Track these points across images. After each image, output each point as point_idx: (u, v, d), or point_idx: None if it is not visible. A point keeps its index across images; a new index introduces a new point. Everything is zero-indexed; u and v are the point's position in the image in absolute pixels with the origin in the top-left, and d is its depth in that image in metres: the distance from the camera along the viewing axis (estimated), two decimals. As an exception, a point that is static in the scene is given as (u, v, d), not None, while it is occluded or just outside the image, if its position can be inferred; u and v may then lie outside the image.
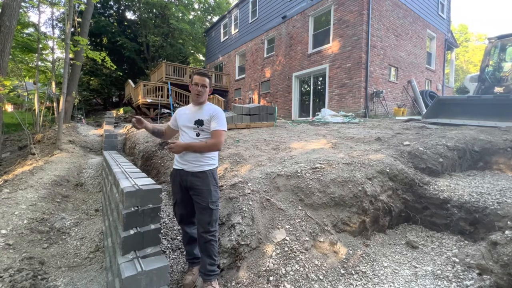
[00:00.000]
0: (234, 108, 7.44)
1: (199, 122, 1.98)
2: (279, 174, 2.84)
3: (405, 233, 2.72)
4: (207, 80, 2.02)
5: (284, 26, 12.82)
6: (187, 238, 2.12)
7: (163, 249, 2.40)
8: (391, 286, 2.00)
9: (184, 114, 2.06)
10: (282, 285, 1.89)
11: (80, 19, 11.06)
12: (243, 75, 16.09)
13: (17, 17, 5.85)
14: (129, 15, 24.89)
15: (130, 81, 15.61)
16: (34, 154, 5.71)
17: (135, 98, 13.72)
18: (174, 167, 2.06)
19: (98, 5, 21.25)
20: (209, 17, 27.15)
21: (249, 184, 2.66)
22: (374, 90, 9.75)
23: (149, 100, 12.68)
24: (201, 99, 2.02)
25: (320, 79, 11.45)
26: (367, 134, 5.00)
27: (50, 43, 8.87)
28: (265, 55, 14.15)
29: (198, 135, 1.99)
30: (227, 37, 18.06)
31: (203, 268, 1.92)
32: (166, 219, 2.93)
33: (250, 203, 2.40)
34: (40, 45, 7.83)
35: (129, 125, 9.24)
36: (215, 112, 2.00)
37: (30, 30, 9.62)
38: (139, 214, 1.48)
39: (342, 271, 2.11)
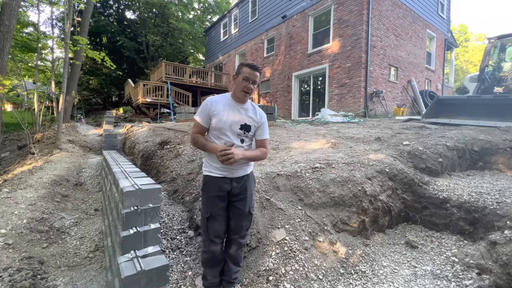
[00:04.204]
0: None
1: (246, 128, 1.70)
2: (279, 174, 2.84)
3: (404, 233, 2.73)
4: (259, 76, 1.66)
5: (284, 25, 12.81)
6: (219, 258, 1.79)
7: (162, 248, 2.40)
8: (390, 285, 2.00)
9: (225, 112, 1.67)
10: (281, 284, 1.89)
11: (79, 19, 11.03)
12: (243, 75, 16.07)
13: (16, 16, 5.84)
14: (129, 14, 24.91)
15: (129, 80, 15.61)
16: (33, 153, 5.71)
17: (135, 98, 13.72)
18: (211, 174, 1.72)
19: (98, 5, 21.21)
20: (209, 16, 27.14)
21: (249, 184, 2.66)
22: (374, 90, 9.75)
23: (148, 100, 12.68)
24: (248, 98, 1.72)
25: (320, 78, 11.45)
26: (366, 134, 5.00)
27: (49, 42, 8.87)
28: (265, 55, 14.14)
29: (242, 141, 1.72)
30: (227, 36, 18.04)
31: (228, 276, 1.79)
32: (165, 218, 2.93)
33: (250, 202, 2.40)
34: (40, 45, 7.82)
35: (128, 125, 9.22)
36: (263, 118, 1.77)
37: (30, 29, 9.64)
38: (139, 214, 1.48)
39: (342, 271, 2.11)
